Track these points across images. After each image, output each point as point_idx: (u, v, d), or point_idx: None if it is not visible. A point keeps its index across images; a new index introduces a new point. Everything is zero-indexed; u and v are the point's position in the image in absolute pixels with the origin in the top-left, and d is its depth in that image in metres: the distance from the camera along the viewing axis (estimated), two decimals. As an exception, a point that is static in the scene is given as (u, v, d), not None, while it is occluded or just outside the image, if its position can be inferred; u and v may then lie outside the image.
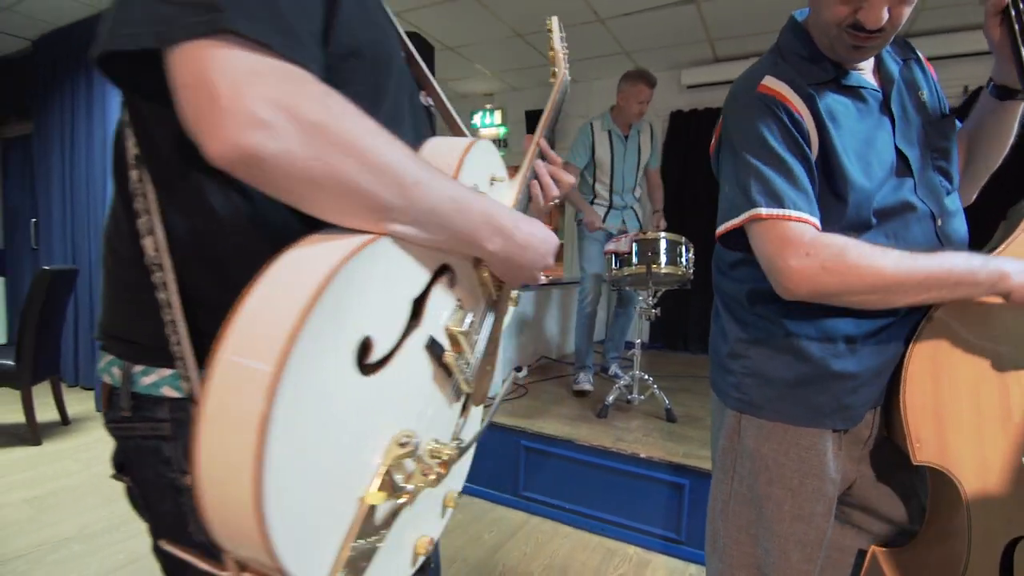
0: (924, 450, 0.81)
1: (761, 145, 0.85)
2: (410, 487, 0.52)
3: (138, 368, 0.52)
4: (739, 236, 0.88)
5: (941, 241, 0.87)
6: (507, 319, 0.82)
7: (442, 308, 0.59)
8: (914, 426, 0.81)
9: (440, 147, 0.64)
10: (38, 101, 4.02)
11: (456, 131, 0.82)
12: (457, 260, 0.60)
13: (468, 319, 0.62)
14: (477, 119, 5.18)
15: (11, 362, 2.76)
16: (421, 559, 0.63)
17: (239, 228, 0.49)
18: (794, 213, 0.80)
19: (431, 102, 0.78)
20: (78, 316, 3.72)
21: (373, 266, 0.46)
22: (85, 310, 3.69)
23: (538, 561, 1.92)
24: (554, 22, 1.06)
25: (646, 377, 2.58)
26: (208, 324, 0.43)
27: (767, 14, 3.27)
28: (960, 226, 0.91)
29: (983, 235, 0.90)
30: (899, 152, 0.87)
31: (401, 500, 0.52)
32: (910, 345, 0.83)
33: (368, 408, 0.47)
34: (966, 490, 0.80)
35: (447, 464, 0.56)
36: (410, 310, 0.52)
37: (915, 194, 0.86)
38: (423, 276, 0.54)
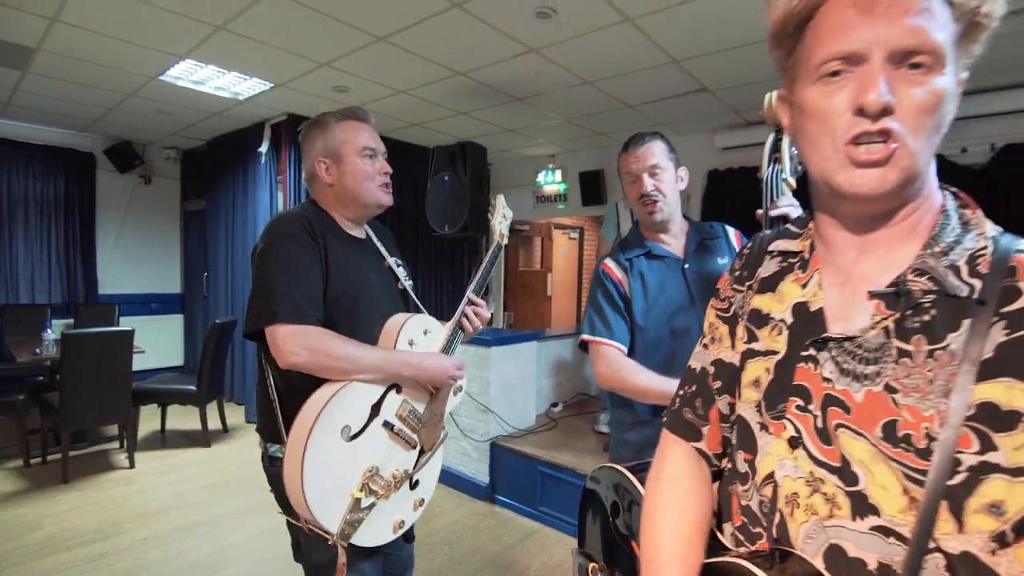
0: None
1: (594, 297, 1.51)
2: (379, 491, 1.22)
3: (270, 444, 1.29)
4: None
5: None
6: (455, 400, 1.45)
7: (394, 404, 1.27)
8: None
9: (391, 323, 1.33)
10: (210, 185, 5.42)
11: (411, 305, 1.49)
12: (401, 380, 1.28)
13: (409, 408, 1.30)
14: (541, 177, 5.90)
15: (194, 387, 3.92)
16: (400, 531, 1.31)
17: (298, 375, 1.19)
18: (596, 338, 1.45)
19: (408, 286, 1.48)
20: (234, 351, 4.95)
21: (346, 394, 1.18)
22: (239, 347, 4.91)
23: (539, 560, 2.56)
24: (499, 200, 1.59)
25: (649, 419, 3.12)
26: (289, 418, 1.19)
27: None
28: None
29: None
30: (691, 295, 1.45)
31: (374, 499, 1.21)
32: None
33: (353, 455, 1.19)
34: None
35: (400, 482, 1.27)
36: (370, 410, 1.22)
37: (698, 323, 1.44)
38: (378, 391, 1.24)
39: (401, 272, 1.49)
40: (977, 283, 0.52)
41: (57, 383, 3.39)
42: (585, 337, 1.48)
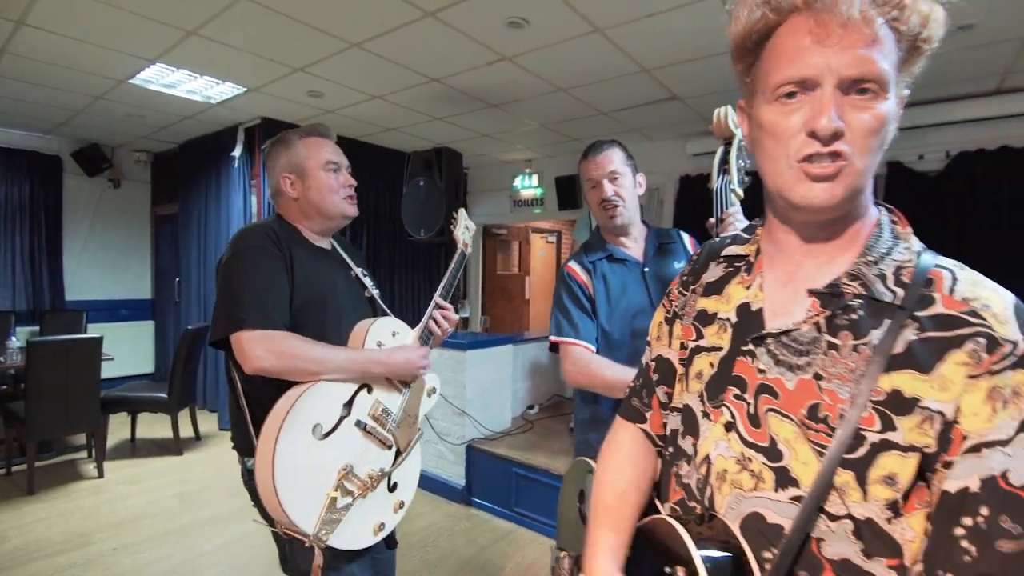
0: None
1: (559, 299, 1.56)
2: (355, 490, 1.22)
3: (247, 459, 1.29)
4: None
5: None
6: (429, 402, 1.49)
7: (365, 403, 1.29)
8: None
9: (359, 327, 1.35)
10: (182, 189, 5.34)
11: (378, 311, 1.50)
12: (371, 379, 1.31)
13: (382, 407, 1.32)
14: (518, 181, 5.96)
15: (164, 395, 3.86)
16: (381, 535, 1.30)
17: (265, 382, 1.19)
18: (564, 338, 1.50)
19: (373, 293, 1.50)
20: (206, 358, 4.88)
21: (314, 393, 1.18)
22: (211, 353, 4.85)
23: (513, 560, 2.60)
24: (460, 213, 1.64)
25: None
26: (260, 427, 1.18)
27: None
28: None
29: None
30: (650, 297, 1.51)
31: (351, 498, 1.21)
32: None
33: (325, 453, 1.18)
34: None
35: (376, 481, 1.28)
36: (341, 408, 1.23)
37: None
38: (349, 390, 1.26)
39: (368, 281, 1.52)
40: (900, 291, 0.58)
41: (22, 392, 3.31)
42: (553, 338, 1.53)
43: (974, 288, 0.56)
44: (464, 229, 1.64)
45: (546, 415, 3.86)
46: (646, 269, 1.54)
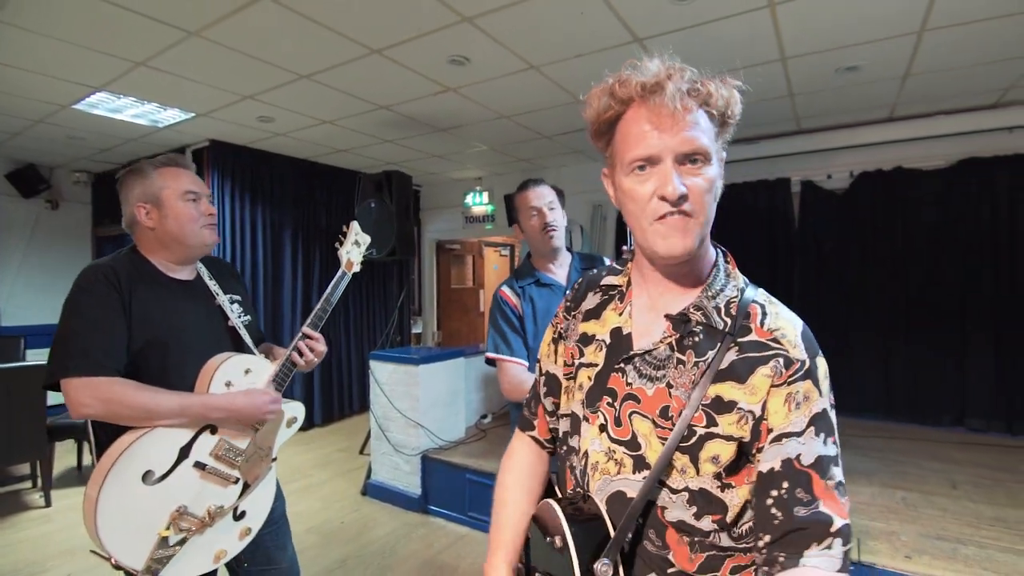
0: None
1: (494, 320, 1.76)
2: (191, 527, 1.23)
3: None
4: None
5: None
6: (288, 431, 1.46)
7: (208, 444, 1.27)
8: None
9: (207, 366, 1.31)
10: (126, 210, 5.26)
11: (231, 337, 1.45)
12: (212, 421, 1.28)
13: (227, 446, 1.30)
14: (469, 199, 6.16)
15: (114, 419, 3.82)
16: (223, 560, 1.31)
17: (107, 422, 1.21)
18: (499, 355, 1.70)
19: (239, 324, 1.46)
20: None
21: (147, 441, 1.19)
22: (161, 374, 4.79)
23: (467, 561, 2.76)
24: (352, 227, 1.56)
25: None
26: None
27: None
28: None
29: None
30: None
31: (185, 535, 1.22)
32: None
33: (157, 498, 1.19)
34: None
35: (216, 516, 1.27)
36: (178, 453, 1.22)
37: None
38: (187, 434, 1.25)
39: (236, 309, 1.48)
40: (729, 320, 0.79)
41: (-40, 424, 3.22)
42: (490, 355, 1.73)
43: (776, 320, 0.78)
44: (352, 245, 1.55)
45: (498, 423, 4.04)
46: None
